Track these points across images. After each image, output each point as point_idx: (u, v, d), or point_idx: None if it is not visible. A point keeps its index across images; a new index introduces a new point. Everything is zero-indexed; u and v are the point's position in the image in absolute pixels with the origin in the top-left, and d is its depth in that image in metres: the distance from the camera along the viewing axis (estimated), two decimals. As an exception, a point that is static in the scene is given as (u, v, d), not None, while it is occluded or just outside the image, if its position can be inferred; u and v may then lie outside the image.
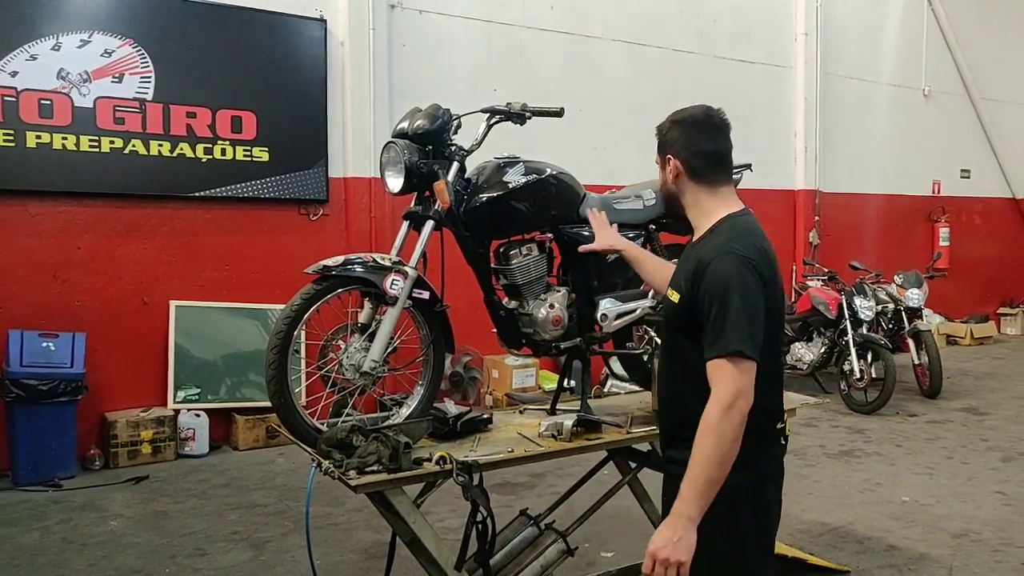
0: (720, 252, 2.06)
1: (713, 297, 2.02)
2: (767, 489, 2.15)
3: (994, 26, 11.60)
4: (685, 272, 2.15)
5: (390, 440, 2.61)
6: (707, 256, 2.08)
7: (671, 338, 2.24)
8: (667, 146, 2.27)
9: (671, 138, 2.26)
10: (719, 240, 2.11)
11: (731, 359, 1.97)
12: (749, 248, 2.07)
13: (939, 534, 4.37)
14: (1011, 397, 7.76)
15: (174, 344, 6.06)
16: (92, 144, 5.74)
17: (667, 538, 1.93)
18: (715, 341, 1.99)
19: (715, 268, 2.04)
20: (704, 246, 2.15)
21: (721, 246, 2.08)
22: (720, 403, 1.96)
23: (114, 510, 4.85)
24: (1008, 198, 12.08)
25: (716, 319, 2.00)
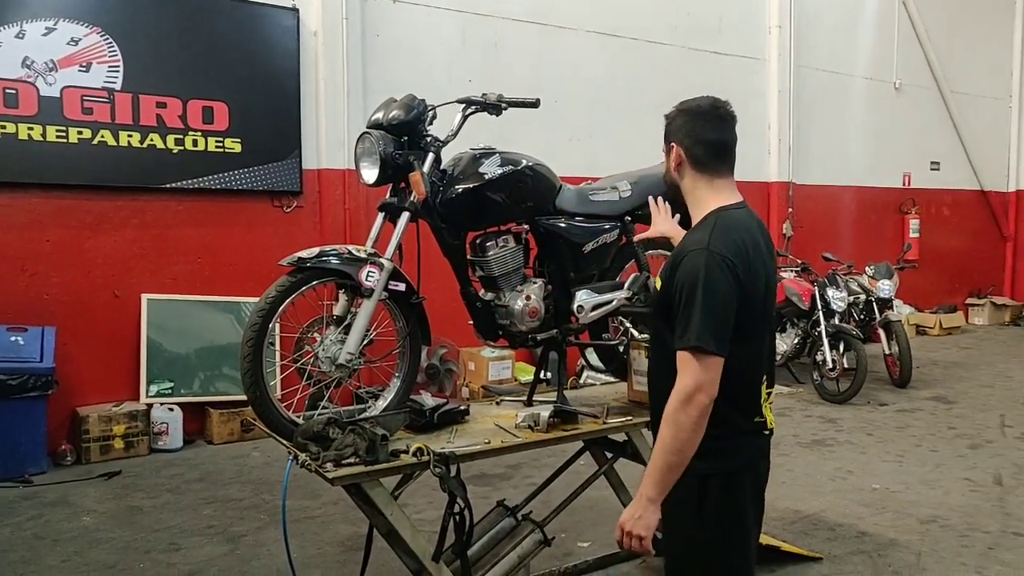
0: (697, 247, 2.08)
1: (682, 290, 2.06)
2: (740, 479, 2.17)
3: (963, 21, 11.75)
4: (669, 262, 2.18)
5: (367, 432, 2.61)
6: (685, 249, 2.12)
7: (655, 326, 2.29)
8: (671, 133, 2.27)
9: (676, 126, 2.26)
10: (700, 235, 2.12)
11: (694, 353, 2.01)
12: (727, 245, 2.07)
13: (908, 520, 4.44)
14: (978, 386, 7.90)
15: (146, 338, 5.99)
16: (59, 134, 5.64)
17: (630, 515, 2.06)
18: (682, 334, 2.03)
19: (688, 262, 2.07)
20: (688, 238, 2.18)
21: (699, 240, 2.09)
22: (679, 395, 2.01)
23: (86, 506, 4.79)
24: (976, 190, 12.27)
25: (683, 312, 2.04)
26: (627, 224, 3.46)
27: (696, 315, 2.01)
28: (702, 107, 2.24)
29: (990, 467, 5.37)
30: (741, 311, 2.07)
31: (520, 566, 3.13)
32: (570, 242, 3.30)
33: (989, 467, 5.37)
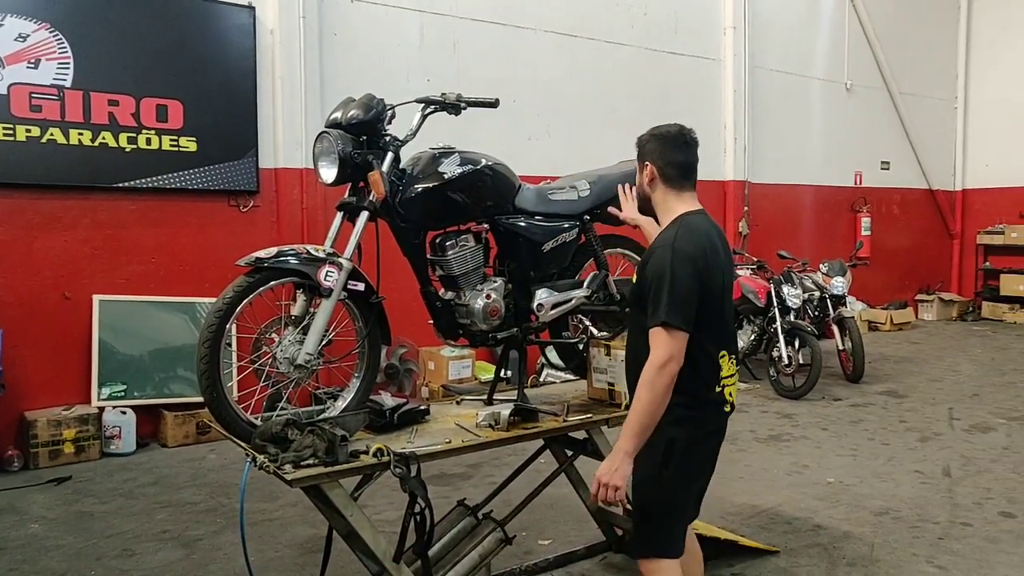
0: (664, 244, 2.52)
1: (652, 279, 2.49)
2: (701, 445, 2.62)
3: (911, 23, 12.04)
4: (643, 258, 2.63)
5: (326, 433, 2.59)
6: (655, 246, 2.57)
7: (633, 314, 2.69)
8: (646, 154, 2.70)
9: (649, 148, 2.69)
10: (668, 235, 2.56)
11: (664, 328, 2.43)
12: (689, 243, 2.50)
13: (862, 512, 4.54)
14: (927, 380, 8.11)
15: (98, 339, 5.87)
16: (6, 132, 5.50)
17: (608, 468, 2.43)
18: (653, 312, 2.45)
19: (656, 257, 2.52)
20: (657, 238, 2.62)
21: (666, 239, 2.53)
22: (654, 363, 2.42)
23: (35, 512, 4.67)
24: (924, 189, 12.58)
25: (654, 297, 2.47)
26: (586, 223, 3.49)
27: (664, 298, 2.43)
28: (671, 133, 2.68)
29: (939, 459, 5.51)
30: (702, 301, 2.48)
31: (481, 565, 3.13)
32: (530, 241, 3.31)
33: (938, 459, 5.51)
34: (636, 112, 8.53)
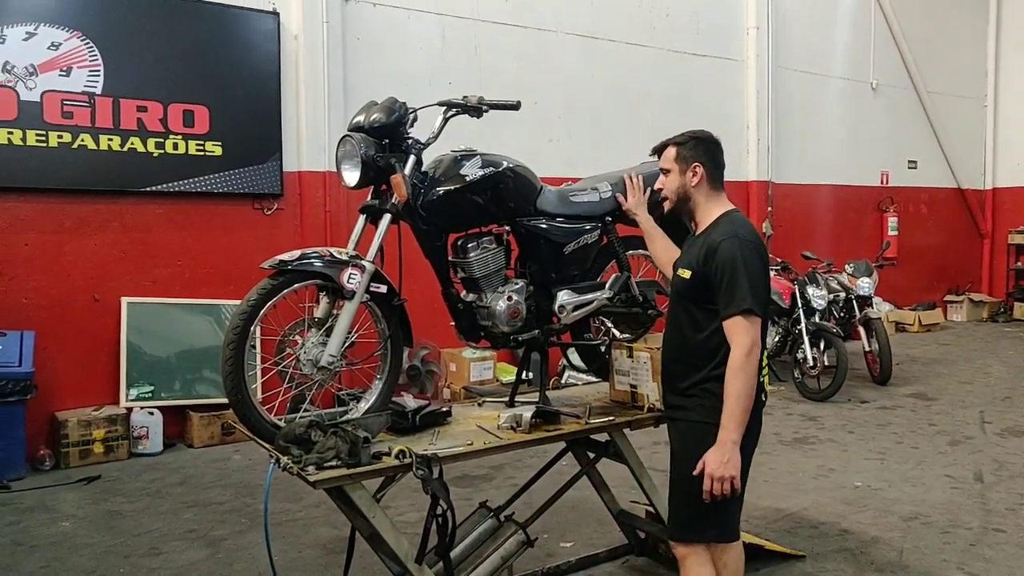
0: (727, 236, 2.64)
1: (724, 271, 2.58)
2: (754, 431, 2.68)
3: (939, 21, 11.89)
4: (696, 254, 2.70)
5: (349, 435, 2.60)
6: (716, 240, 2.65)
7: (680, 308, 2.77)
8: (695, 156, 2.80)
9: (699, 151, 2.80)
10: (724, 228, 2.69)
11: (744, 315, 2.54)
12: (752, 235, 2.69)
13: (890, 518, 4.48)
14: (957, 382, 7.99)
15: (126, 341, 5.95)
16: (39, 138, 5.60)
17: (719, 460, 2.50)
18: (729, 303, 2.56)
19: (724, 248, 2.61)
20: (711, 234, 2.70)
21: (727, 232, 2.66)
22: (742, 349, 2.53)
23: (66, 511, 4.75)
24: (953, 188, 12.42)
25: (728, 286, 2.57)
26: (608, 224, 3.47)
27: (742, 286, 2.54)
28: (712, 137, 2.85)
29: (970, 464, 5.43)
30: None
31: (503, 567, 3.14)
32: (551, 243, 3.31)
33: (969, 464, 5.43)
34: (658, 113, 8.51)
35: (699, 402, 2.69)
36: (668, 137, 2.90)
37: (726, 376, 2.54)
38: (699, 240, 2.77)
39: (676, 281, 2.82)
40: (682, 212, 2.88)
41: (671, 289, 2.90)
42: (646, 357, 3.20)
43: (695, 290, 2.70)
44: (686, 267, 2.75)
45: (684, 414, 2.74)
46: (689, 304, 2.73)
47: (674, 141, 2.85)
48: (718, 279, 2.59)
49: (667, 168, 2.86)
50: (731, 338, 2.56)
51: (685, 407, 2.74)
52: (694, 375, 2.70)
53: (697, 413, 2.69)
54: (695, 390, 2.70)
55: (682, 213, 2.88)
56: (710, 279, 2.62)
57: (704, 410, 2.67)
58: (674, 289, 2.85)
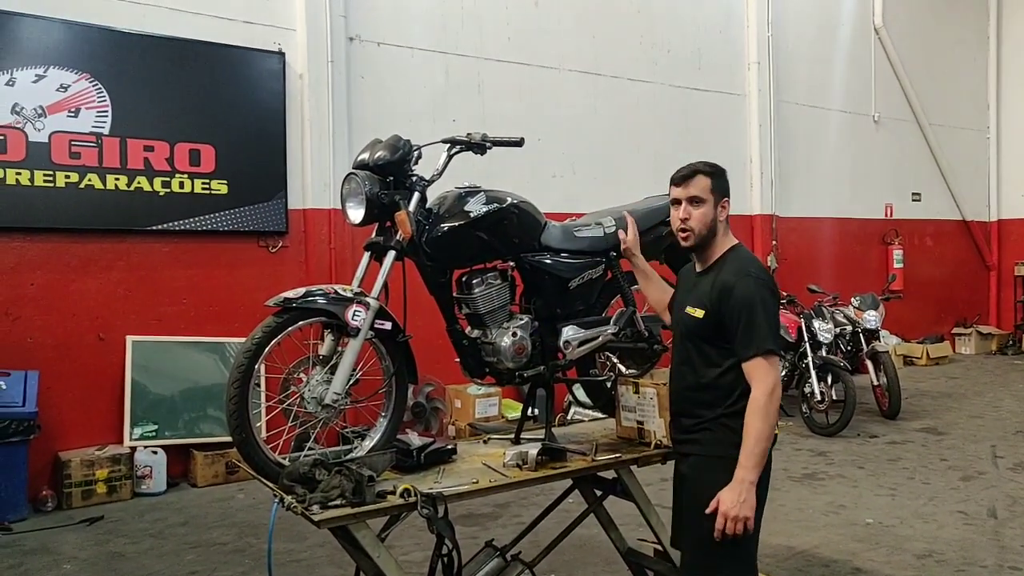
0: (741, 275, 2.60)
1: (741, 312, 2.55)
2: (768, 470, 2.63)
3: (939, 54, 12.00)
4: (707, 293, 2.65)
5: (353, 473, 2.58)
6: (730, 280, 2.61)
7: (691, 346, 2.72)
8: (724, 191, 2.75)
9: (726, 185, 2.76)
10: (735, 266, 2.65)
11: (766, 356, 2.52)
12: (762, 271, 2.66)
13: (903, 555, 4.41)
14: (968, 416, 7.92)
15: (131, 380, 5.94)
16: (47, 179, 5.65)
17: (734, 499, 2.45)
18: (749, 344, 2.53)
19: (740, 288, 2.57)
20: (722, 271, 2.66)
21: (740, 270, 2.62)
22: (765, 390, 2.49)
23: (67, 553, 4.70)
24: (958, 220, 12.42)
25: (746, 327, 2.54)
26: (612, 259, 3.47)
27: (762, 326, 2.52)
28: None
29: (984, 499, 5.35)
30: None
31: (510, 608, 3.08)
32: (556, 278, 3.31)
33: (983, 499, 5.35)
34: (661, 148, 8.56)
35: (714, 436, 2.64)
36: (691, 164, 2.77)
37: (747, 416, 2.51)
38: (707, 277, 2.70)
39: (685, 320, 2.73)
40: (695, 247, 2.76)
41: (679, 327, 2.81)
42: (652, 393, 3.18)
43: (708, 329, 2.65)
44: (697, 306, 2.68)
45: (697, 448, 2.68)
46: (701, 343, 2.68)
47: (704, 170, 2.73)
48: (735, 320, 2.55)
49: (700, 198, 2.70)
50: (752, 379, 2.52)
51: (699, 441, 2.68)
52: (709, 412, 2.65)
53: (712, 446, 2.64)
54: (710, 424, 2.66)
55: (694, 248, 2.77)
56: (724, 319, 2.58)
57: (719, 444, 2.62)
58: (683, 327, 2.76)
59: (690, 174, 2.72)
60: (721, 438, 2.61)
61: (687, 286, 2.83)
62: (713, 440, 2.64)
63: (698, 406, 2.69)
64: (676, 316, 2.84)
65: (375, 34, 7.13)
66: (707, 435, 2.66)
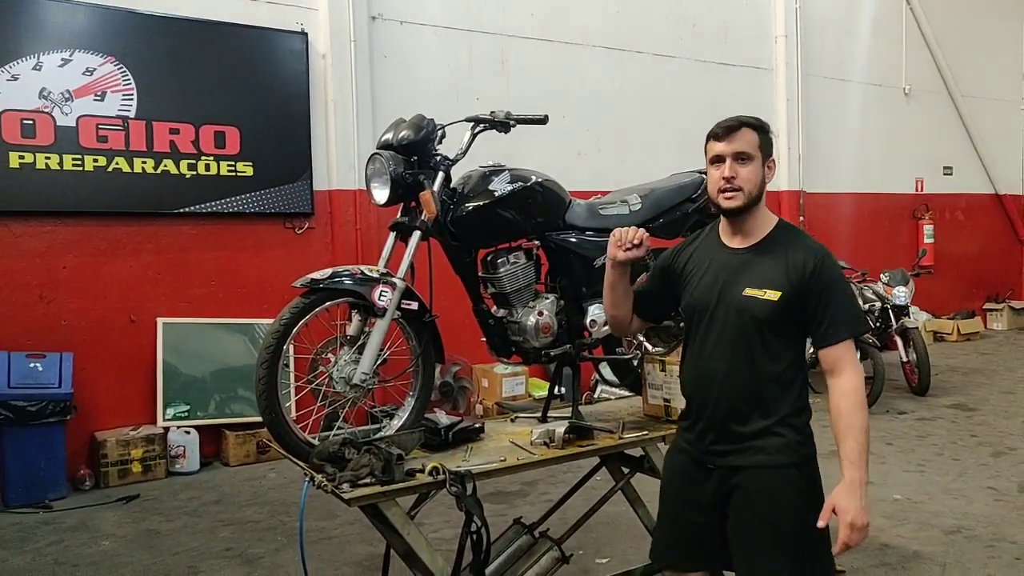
0: (822, 253, 2.31)
1: (833, 291, 2.26)
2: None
3: (972, 24, 11.72)
4: (780, 272, 2.29)
5: (382, 452, 2.60)
6: (813, 256, 2.29)
7: (751, 337, 2.30)
8: (770, 149, 2.41)
9: (772, 143, 2.42)
10: (806, 243, 2.35)
11: (853, 340, 2.29)
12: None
13: (932, 531, 4.39)
14: (999, 392, 7.81)
15: (162, 361, 6.03)
16: (75, 163, 5.71)
17: (858, 506, 2.24)
18: (842, 327, 2.26)
19: (829, 266, 2.29)
20: (790, 247, 2.32)
21: (816, 248, 2.32)
22: (859, 376, 2.29)
23: (105, 530, 4.81)
24: (991, 194, 12.19)
25: (838, 307, 2.26)
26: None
27: (851, 308, 2.29)
28: None
29: (1014, 475, 5.30)
30: None
31: (539, 584, 3.11)
32: (581, 257, 3.30)
33: (1013, 475, 5.30)
34: (687, 124, 8.44)
35: (780, 441, 2.32)
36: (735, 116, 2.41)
37: (850, 408, 2.25)
38: (764, 255, 2.33)
39: (744, 304, 2.30)
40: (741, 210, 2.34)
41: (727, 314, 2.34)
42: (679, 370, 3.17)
43: (783, 314, 2.28)
44: (766, 287, 2.28)
45: (762, 457, 2.31)
46: (767, 331, 2.29)
47: (752, 123, 2.37)
48: (825, 301, 2.25)
49: (748, 154, 2.33)
50: (843, 365, 2.26)
51: (763, 448, 2.31)
52: (771, 415, 2.31)
53: (782, 453, 2.32)
54: (777, 428, 2.32)
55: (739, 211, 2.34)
56: (810, 301, 2.26)
57: (789, 449, 2.33)
58: (739, 314, 2.31)
59: (736, 125, 2.35)
60: (791, 441, 2.33)
61: (728, 264, 2.38)
62: (783, 446, 2.32)
63: (759, 409, 2.32)
64: (713, 299, 2.37)
65: (397, 13, 7.10)
66: (774, 441, 2.31)
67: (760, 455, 2.31)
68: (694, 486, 2.42)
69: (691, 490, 2.43)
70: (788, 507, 2.29)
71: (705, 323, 2.38)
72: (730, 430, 2.34)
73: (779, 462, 2.31)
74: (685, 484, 2.46)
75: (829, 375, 2.31)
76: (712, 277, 2.39)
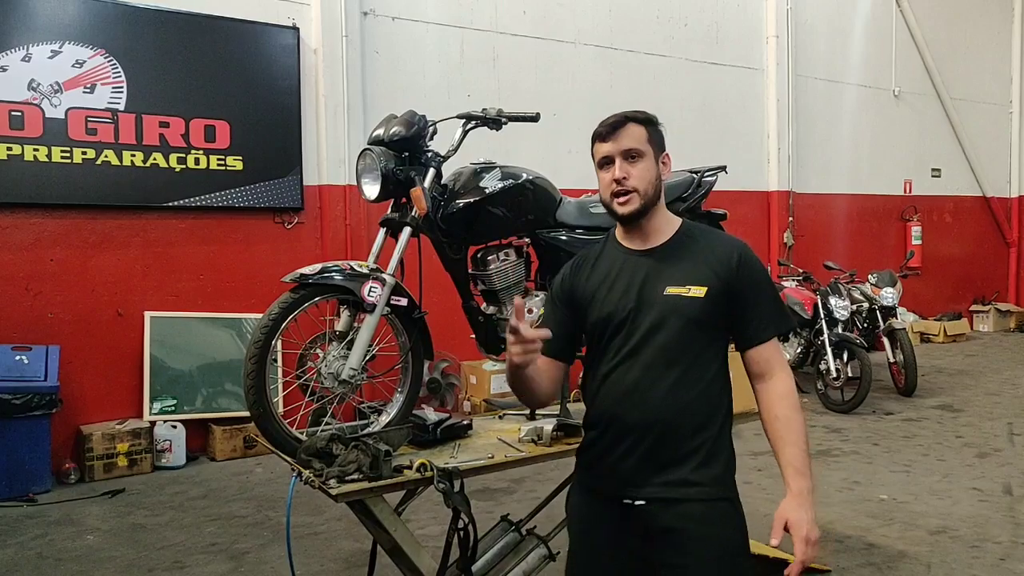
0: (742, 247, 2.10)
1: (760, 283, 2.09)
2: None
3: (962, 27, 11.80)
4: (702, 268, 2.04)
5: (370, 448, 2.60)
6: (734, 250, 2.08)
7: (677, 341, 2.01)
8: (662, 144, 2.16)
9: (663, 136, 2.17)
10: (723, 238, 2.16)
11: (779, 338, 2.11)
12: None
13: (917, 531, 4.41)
14: (984, 394, 7.87)
15: (149, 355, 6.00)
16: (64, 155, 5.67)
17: (811, 519, 2.01)
18: (771, 322, 2.07)
19: (751, 256, 2.10)
20: (707, 243, 2.10)
21: (734, 242, 2.12)
22: (791, 374, 2.08)
23: (90, 524, 4.78)
24: (978, 196, 12.27)
25: (767, 303, 2.08)
26: (628, 236, 3.45)
27: (778, 302, 2.12)
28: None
29: (999, 476, 5.34)
30: None
31: (525, 581, 3.11)
32: (571, 255, 3.28)
33: (998, 476, 5.34)
34: (678, 123, 8.47)
35: (711, 473, 2.02)
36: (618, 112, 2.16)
37: (787, 412, 2.00)
38: (676, 255, 2.08)
39: (677, 303, 2.02)
40: (638, 213, 2.09)
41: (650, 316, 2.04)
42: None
43: (712, 312, 2.02)
44: (694, 283, 2.02)
45: (697, 491, 1.99)
46: (694, 332, 2.02)
47: (636, 117, 2.12)
48: (752, 294, 2.04)
49: (638, 151, 2.08)
50: (774, 365, 2.04)
51: (698, 482, 1.99)
52: (705, 434, 2.01)
53: (717, 485, 2.03)
54: (708, 453, 2.02)
55: (636, 215, 2.09)
56: (737, 295, 2.03)
57: (720, 482, 2.04)
58: (672, 315, 2.02)
59: (621, 121, 2.11)
60: (720, 472, 2.03)
61: (635, 268, 2.11)
62: (716, 477, 2.02)
63: (689, 427, 2.01)
64: (630, 308, 2.06)
65: (390, 8, 7.08)
66: (705, 472, 2.00)
67: (693, 488, 2.00)
68: (607, 527, 2.09)
69: (604, 533, 2.10)
70: (729, 547, 2.03)
71: (623, 334, 2.05)
72: (657, 455, 2.01)
73: (715, 495, 2.02)
74: (596, 527, 2.12)
75: (759, 379, 2.06)
76: (624, 282, 2.10)
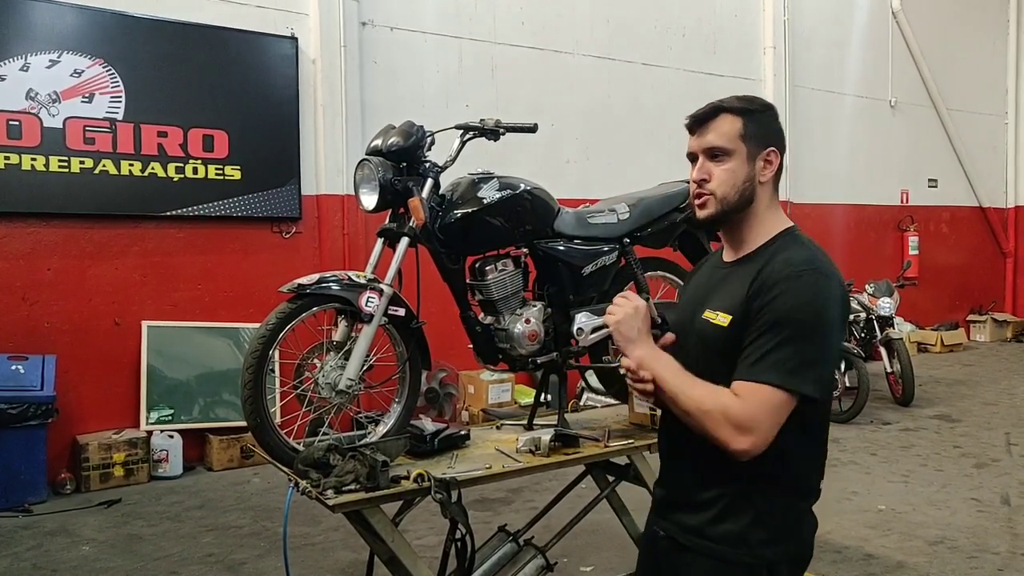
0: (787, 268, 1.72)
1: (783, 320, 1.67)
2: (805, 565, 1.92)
3: (958, 38, 11.85)
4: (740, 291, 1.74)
5: (367, 458, 2.59)
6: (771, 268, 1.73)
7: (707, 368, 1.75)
8: (767, 137, 1.79)
9: (773, 128, 1.82)
10: (789, 254, 1.75)
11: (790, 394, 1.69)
12: (837, 274, 1.75)
13: (915, 542, 4.41)
14: (982, 403, 7.87)
15: (146, 365, 5.99)
16: (62, 164, 5.67)
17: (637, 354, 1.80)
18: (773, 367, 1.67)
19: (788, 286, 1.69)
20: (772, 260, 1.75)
21: (805, 258, 1.74)
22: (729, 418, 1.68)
23: (86, 535, 4.76)
24: (975, 206, 12.30)
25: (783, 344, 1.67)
26: (626, 246, 3.46)
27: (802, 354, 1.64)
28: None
29: (997, 486, 5.33)
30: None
31: (523, 592, 3.10)
32: (569, 265, 3.31)
33: (996, 486, 5.33)
34: (675, 134, 8.47)
35: (733, 527, 1.73)
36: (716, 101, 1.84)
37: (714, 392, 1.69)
38: (743, 269, 1.78)
39: (700, 329, 1.81)
40: (717, 220, 1.82)
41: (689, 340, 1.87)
42: None
43: (733, 344, 1.72)
44: (720, 309, 1.77)
45: (708, 546, 1.76)
46: (720, 367, 1.73)
47: (733, 107, 1.79)
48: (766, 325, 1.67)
49: (724, 149, 1.77)
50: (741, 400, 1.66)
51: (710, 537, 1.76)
52: (725, 483, 1.75)
53: (731, 543, 1.74)
54: (731, 506, 1.75)
55: (715, 221, 1.83)
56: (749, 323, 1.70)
57: (740, 543, 1.73)
58: (697, 342, 1.83)
59: (710, 113, 1.81)
60: (744, 528, 1.74)
61: (707, 282, 1.90)
62: (733, 535, 1.74)
63: (711, 468, 1.75)
64: (685, 325, 1.90)
65: (388, 19, 7.11)
66: (723, 527, 1.74)
67: (706, 541, 1.76)
68: (644, 543, 2.01)
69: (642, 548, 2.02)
70: None
71: (679, 353, 1.84)
72: (676, 493, 1.86)
73: (724, 555, 1.74)
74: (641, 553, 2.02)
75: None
76: (688, 298, 1.95)
